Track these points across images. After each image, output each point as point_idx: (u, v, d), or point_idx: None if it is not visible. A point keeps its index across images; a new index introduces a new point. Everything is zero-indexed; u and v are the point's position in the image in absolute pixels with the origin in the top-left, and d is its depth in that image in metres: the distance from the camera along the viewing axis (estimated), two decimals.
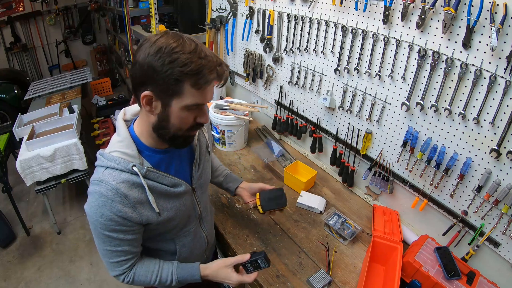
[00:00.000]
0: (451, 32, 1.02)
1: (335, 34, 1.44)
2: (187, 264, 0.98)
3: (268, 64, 1.93)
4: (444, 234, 1.23)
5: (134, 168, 0.79)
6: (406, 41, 1.16)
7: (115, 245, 0.83)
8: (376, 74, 1.30)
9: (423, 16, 1.06)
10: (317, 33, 1.52)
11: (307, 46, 1.60)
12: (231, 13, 2.08)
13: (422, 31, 1.10)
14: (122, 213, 0.78)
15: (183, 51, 0.70)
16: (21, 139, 2.49)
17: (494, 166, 1.02)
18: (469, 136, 1.06)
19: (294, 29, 1.64)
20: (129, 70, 0.79)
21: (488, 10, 0.90)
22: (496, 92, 0.95)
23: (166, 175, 0.87)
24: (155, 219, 0.85)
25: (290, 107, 1.85)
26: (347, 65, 1.41)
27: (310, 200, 1.48)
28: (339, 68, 1.46)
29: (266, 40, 1.85)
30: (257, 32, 1.91)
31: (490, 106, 0.98)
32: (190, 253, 1.05)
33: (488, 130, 1.00)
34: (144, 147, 0.85)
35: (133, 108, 0.94)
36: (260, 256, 0.94)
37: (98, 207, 0.78)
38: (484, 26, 0.93)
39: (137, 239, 0.88)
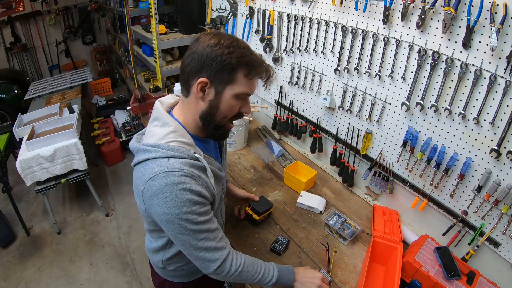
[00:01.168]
0: (451, 32, 1.02)
1: (335, 34, 1.44)
2: (282, 265, 1.02)
3: (268, 64, 1.92)
4: (444, 234, 1.23)
5: (196, 154, 0.82)
6: (406, 41, 1.16)
7: (207, 229, 0.82)
8: (376, 74, 1.30)
9: (423, 16, 1.06)
10: (317, 33, 1.52)
11: (307, 46, 1.60)
12: (231, 13, 2.08)
13: (422, 31, 1.10)
14: (202, 193, 0.80)
15: (239, 46, 0.80)
16: (21, 139, 2.49)
17: (494, 166, 1.02)
18: (469, 136, 1.06)
19: (294, 29, 1.64)
20: (182, 62, 0.85)
21: (488, 10, 0.90)
22: (496, 92, 0.95)
23: (214, 160, 0.92)
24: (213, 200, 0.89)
25: (290, 107, 1.85)
26: (347, 65, 1.41)
27: (310, 200, 1.48)
28: (339, 68, 1.46)
29: (266, 40, 1.85)
30: (257, 32, 1.91)
31: (490, 106, 0.98)
32: None
33: (488, 130, 1.00)
34: (192, 136, 0.88)
35: (168, 99, 0.96)
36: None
37: (177, 197, 0.76)
38: (484, 26, 0.93)
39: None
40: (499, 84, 0.94)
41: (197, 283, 1.15)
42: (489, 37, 0.92)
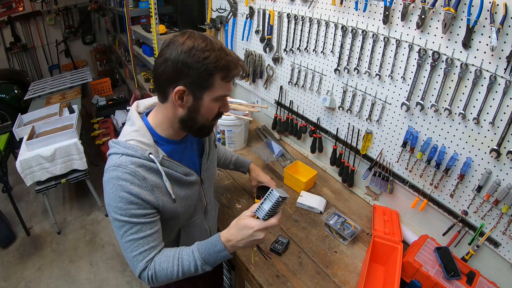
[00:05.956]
0: (451, 32, 1.02)
1: (335, 34, 1.44)
2: (205, 241, 0.90)
3: (268, 64, 1.93)
4: (444, 234, 1.23)
5: (151, 155, 0.82)
6: (406, 41, 1.16)
7: (137, 231, 0.82)
8: (376, 74, 1.30)
9: (423, 16, 1.06)
10: (317, 33, 1.52)
11: (307, 46, 1.60)
12: (231, 13, 2.08)
13: (422, 31, 1.10)
14: (141, 195, 0.80)
15: (213, 49, 0.77)
16: (21, 139, 2.49)
17: (494, 166, 1.02)
18: (469, 136, 1.06)
19: (294, 29, 1.64)
20: (155, 69, 0.82)
21: (488, 10, 0.90)
22: (496, 92, 0.95)
23: (180, 164, 0.91)
24: (170, 205, 0.88)
25: (290, 107, 1.85)
26: (347, 65, 1.41)
27: (310, 200, 1.48)
28: (339, 68, 1.46)
29: (266, 40, 1.85)
30: (257, 32, 1.91)
31: (490, 106, 0.98)
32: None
33: (488, 130, 1.00)
34: (159, 137, 0.89)
35: (147, 101, 0.98)
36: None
37: (116, 192, 0.79)
38: (484, 26, 0.93)
39: (159, 227, 0.87)
40: (499, 84, 0.94)
41: (180, 285, 1.14)
42: (489, 37, 0.92)
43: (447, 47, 1.04)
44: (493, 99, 0.96)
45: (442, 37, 1.05)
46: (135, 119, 0.88)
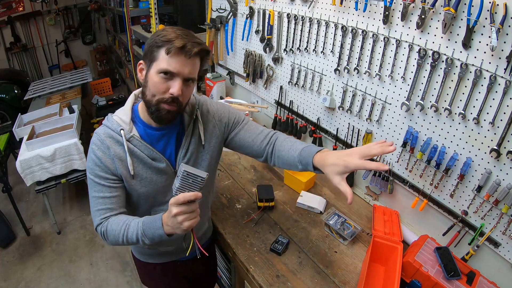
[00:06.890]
0: (451, 32, 1.02)
1: (335, 34, 1.44)
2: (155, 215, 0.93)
3: (268, 64, 1.93)
4: (444, 234, 1.23)
5: (122, 131, 0.93)
6: (406, 41, 1.16)
7: (98, 190, 0.94)
8: (376, 74, 1.30)
9: (423, 16, 1.06)
10: (317, 33, 1.52)
11: (307, 46, 1.60)
12: (231, 13, 2.09)
13: (422, 31, 1.10)
14: (103, 160, 0.92)
15: (170, 31, 0.87)
16: (21, 139, 2.49)
17: (494, 166, 1.02)
18: (469, 136, 1.06)
19: (294, 29, 1.64)
20: None
21: (488, 10, 0.90)
22: (496, 92, 0.95)
23: (148, 146, 0.97)
24: (129, 180, 0.96)
25: (290, 107, 1.85)
26: (347, 65, 1.41)
27: (310, 200, 1.48)
28: (339, 68, 1.46)
29: (266, 40, 1.85)
30: (257, 32, 1.91)
31: (490, 106, 0.98)
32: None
33: (488, 130, 1.00)
34: (139, 119, 0.98)
35: None
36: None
37: (89, 153, 0.95)
38: (484, 26, 0.93)
39: (118, 194, 0.96)
40: (499, 84, 0.94)
41: (157, 267, 1.23)
42: (489, 37, 0.92)
43: (447, 47, 1.04)
44: (493, 99, 0.96)
45: (442, 37, 1.05)
46: (128, 101, 1.01)
